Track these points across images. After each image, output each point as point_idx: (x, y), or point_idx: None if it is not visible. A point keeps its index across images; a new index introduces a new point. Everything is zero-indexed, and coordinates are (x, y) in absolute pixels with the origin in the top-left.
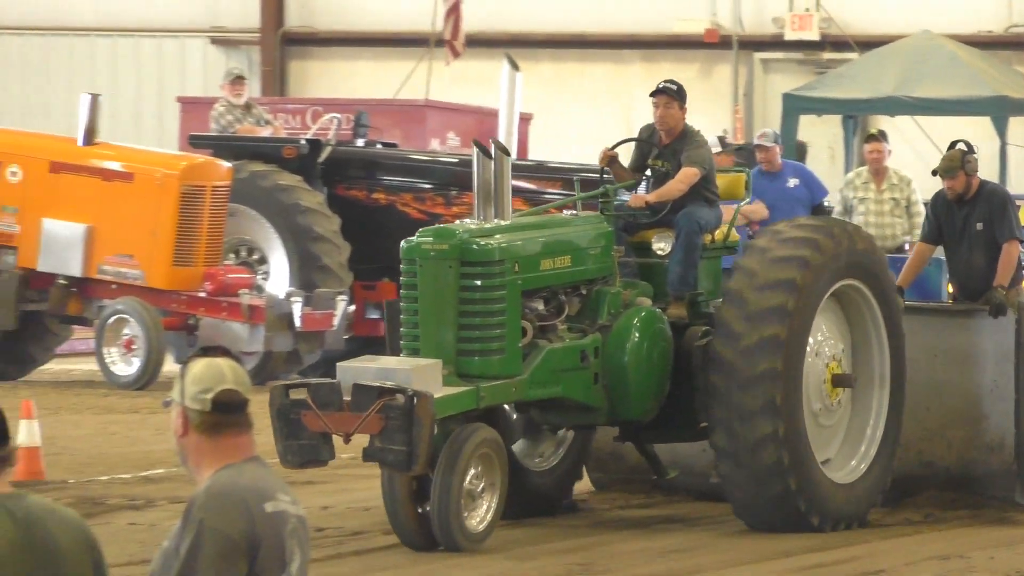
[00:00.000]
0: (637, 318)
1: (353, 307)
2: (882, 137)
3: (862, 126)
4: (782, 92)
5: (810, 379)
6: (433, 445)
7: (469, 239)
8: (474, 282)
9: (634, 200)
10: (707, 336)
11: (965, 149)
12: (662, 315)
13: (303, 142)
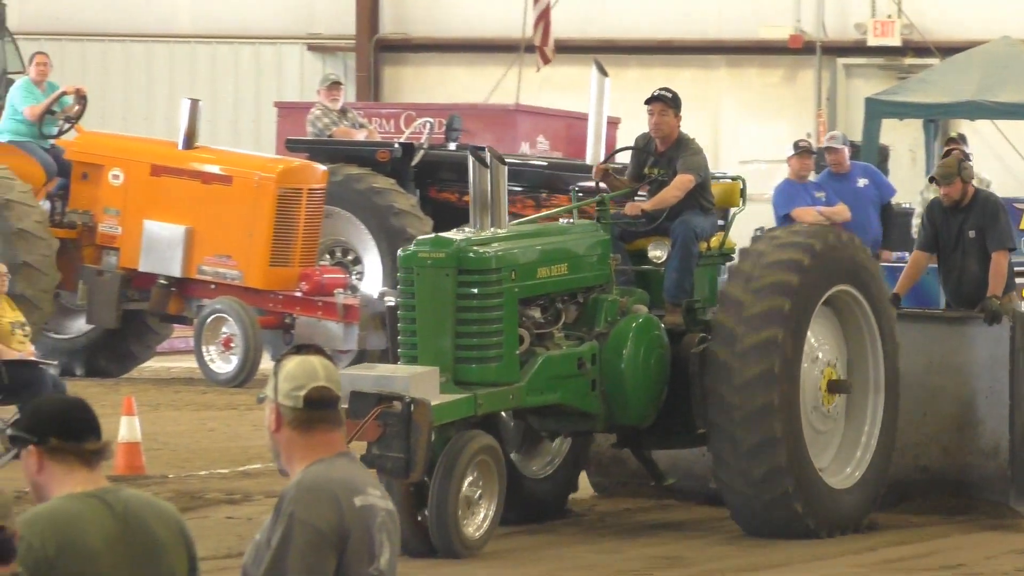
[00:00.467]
0: (634, 325)
1: None
2: (961, 140)
3: (943, 130)
4: (864, 97)
5: (806, 385)
6: (431, 452)
7: (466, 247)
8: (471, 290)
9: (630, 208)
10: (704, 343)
11: (962, 156)
12: (659, 322)
13: (396, 146)
